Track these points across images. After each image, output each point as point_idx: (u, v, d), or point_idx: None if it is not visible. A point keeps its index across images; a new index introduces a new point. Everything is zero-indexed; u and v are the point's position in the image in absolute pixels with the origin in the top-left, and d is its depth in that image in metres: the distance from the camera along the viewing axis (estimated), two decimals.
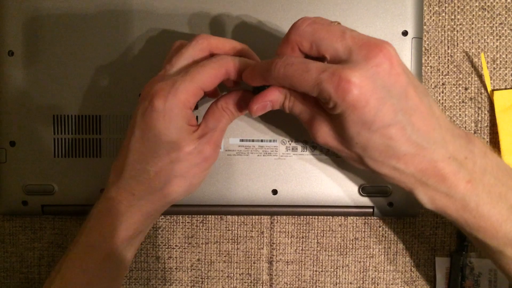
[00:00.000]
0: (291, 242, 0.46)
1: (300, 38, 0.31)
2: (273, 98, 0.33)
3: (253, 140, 0.42)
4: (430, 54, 0.45)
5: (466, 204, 0.32)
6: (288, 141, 0.42)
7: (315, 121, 0.33)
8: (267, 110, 0.34)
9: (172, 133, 0.33)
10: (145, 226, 0.36)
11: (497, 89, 0.44)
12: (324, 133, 0.33)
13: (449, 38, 0.45)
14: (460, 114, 0.45)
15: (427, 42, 0.45)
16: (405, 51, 0.42)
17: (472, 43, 0.45)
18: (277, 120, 0.42)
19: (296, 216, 0.46)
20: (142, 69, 0.42)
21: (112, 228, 0.34)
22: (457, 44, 0.45)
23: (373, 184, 0.42)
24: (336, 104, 0.29)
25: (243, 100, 0.35)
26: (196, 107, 0.40)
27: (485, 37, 0.45)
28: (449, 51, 0.45)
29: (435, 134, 0.31)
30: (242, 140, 0.42)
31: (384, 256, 0.46)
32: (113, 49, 0.42)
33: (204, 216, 0.46)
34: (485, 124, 0.45)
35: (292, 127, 0.42)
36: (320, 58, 0.32)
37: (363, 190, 0.42)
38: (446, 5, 0.45)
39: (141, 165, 0.33)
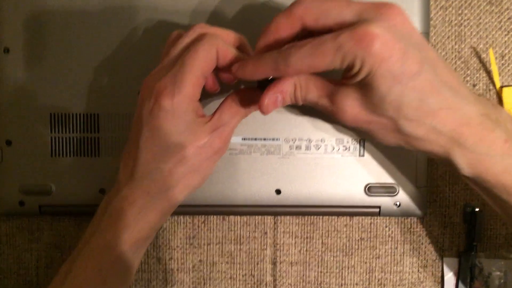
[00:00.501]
0: (295, 243, 0.45)
1: (305, 11, 0.30)
2: (283, 88, 0.32)
3: (255, 139, 0.41)
4: (437, 49, 0.44)
5: (506, 165, 0.31)
6: (292, 140, 0.41)
7: (338, 98, 0.32)
8: (278, 105, 0.33)
9: (183, 129, 0.32)
10: (159, 224, 0.35)
11: (506, 86, 0.43)
12: (351, 108, 0.31)
13: (456, 34, 0.44)
14: None
15: (434, 38, 0.44)
16: None
17: (480, 38, 0.44)
18: (280, 118, 0.41)
19: (300, 216, 0.44)
20: (141, 66, 0.41)
21: (126, 229, 0.33)
22: (465, 39, 0.44)
23: (380, 183, 0.41)
24: (363, 62, 0.28)
25: (255, 96, 0.34)
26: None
27: (493, 32, 0.44)
28: (456, 46, 0.44)
29: (463, 90, 0.31)
30: (244, 139, 0.41)
31: (391, 256, 0.45)
32: (112, 46, 0.41)
33: (206, 216, 0.45)
34: None
35: (296, 125, 0.41)
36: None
37: (369, 190, 0.41)
38: None
39: (154, 164, 0.33)
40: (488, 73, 0.43)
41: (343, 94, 0.31)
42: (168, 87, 0.31)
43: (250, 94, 0.35)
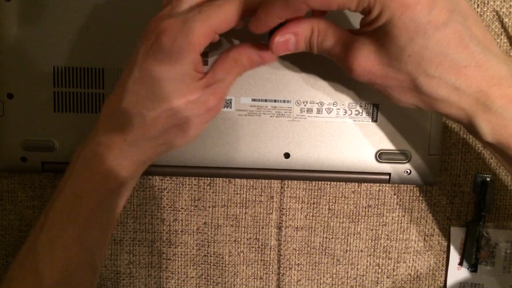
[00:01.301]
0: (302, 208, 0.44)
1: None
2: (299, 29, 0.29)
3: (265, 100, 0.40)
4: None
5: None
6: (303, 102, 0.40)
7: (353, 49, 0.29)
8: (290, 49, 0.31)
9: (176, 78, 0.30)
10: (136, 173, 0.33)
11: None
12: (366, 59, 0.28)
13: None
14: None
15: None
16: None
17: (504, 1, 0.42)
18: (292, 79, 0.39)
19: (308, 182, 0.44)
20: (148, 20, 0.39)
21: (101, 176, 0.31)
22: (488, 2, 0.42)
23: (392, 149, 0.40)
24: (383, 8, 0.25)
25: (256, 53, 0.32)
26: (206, 55, 0.38)
27: None
28: (479, 9, 0.42)
29: (494, 47, 0.28)
30: (254, 100, 0.40)
31: (397, 224, 0.44)
32: None
33: (212, 178, 0.44)
34: None
35: (308, 87, 0.40)
36: None
37: (380, 156, 0.40)
38: None
39: (137, 109, 0.30)
40: (510, 38, 0.42)
41: (359, 44, 0.29)
42: (174, 28, 0.28)
43: (246, 49, 0.32)
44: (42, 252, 0.31)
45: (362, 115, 0.40)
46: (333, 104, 0.40)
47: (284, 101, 0.40)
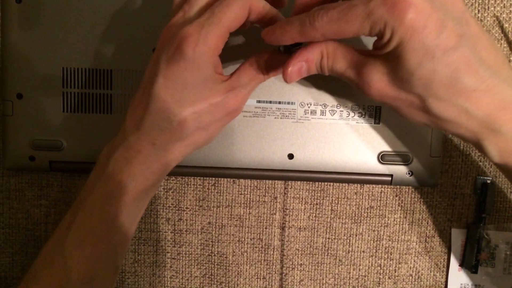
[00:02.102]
0: (305, 209, 0.45)
1: None
2: (309, 56, 0.31)
3: (270, 102, 0.41)
4: None
5: None
6: (307, 104, 0.41)
7: (365, 70, 0.30)
8: (303, 74, 0.32)
9: (200, 83, 0.31)
10: (163, 174, 0.35)
11: None
12: (378, 82, 0.29)
13: (480, 1, 0.43)
14: None
15: None
16: None
17: (504, 7, 0.42)
18: (297, 82, 0.40)
19: (311, 183, 0.44)
20: (157, 23, 0.40)
21: (131, 179, 0.33)
22: (488, 8, 0.43)
23: (394, 151, 0.41)
24: (393, 32, 0.26)
25: (276, 61, 0.33)
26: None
27: None
28: (479, 15, 0.43)
29: (505, 70, 0.28)
30: (259, 101, 0.41)
31: (399, 225, 0.45)
32: (128, 0, 0.39)
33: (217, 178, 0.44)
34: None
35: (312, 89, 0.40)
36: None
37: (382, 158, 0.41)
38: None
39: (164, 114, 0.31)
40: (510, 43, 0.42)
41: (371, 67, 0.30)
42: (193, 35, 0.30)
43: (271, 58, 0.33)
44: (71, 249, 0.32)
45: (365, 117, 0.41)
46: (337, 106, 0.41)
47: (288, 103, 0.41)
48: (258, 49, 0.34)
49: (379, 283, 0.45)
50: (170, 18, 0.33)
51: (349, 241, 0.45)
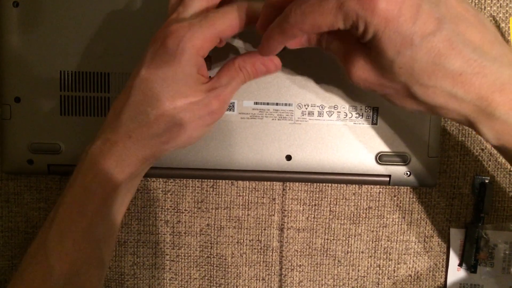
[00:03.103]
0: (303, 210, 0.45)
1: None
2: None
3: (268, 103, 0.41)
4: None
5: None
6: (305, 105, 0.41)
7: (350, 61, 0.29)
8: (303, 44, 0.32)
9: (180, 79, 0.31)
10: (140, 170, 0.35)
11: None
12: (362, 71, 0.29)
13: (476, 1, 0.43)
14: None
15: None
16: None
17: (500, 7, 0.43)
18: (294, 83, 0.40)
19: (309, 184, 0.44)
20: (155, 26, 0.39)
21: (107, 171, 0.32)
22: (484, 7, 0.43)
23: (391, 152, 0.41)
24: (366, 24, 0.25)
25: (261, 62, 0.33)
26: (209, 58, 0.38)
27: None
28: None
29: (495, 50, 0.27)
30: (256, 103, 0.41)
31: (398, 226, 0.45)
32: (125, 3, 0.40)
33: (215, 180, 0.44)
34: None
35: (309, 90, 0.40)
36: None
37: (380, 158, 0.41)
38: None
39: (142, 107, 0.32)
40: (507, 42, 0.43)
41: (355, 56, 0.29)
42: (179, 32, 0.30)
43: (251, 58, 0.33)
44: (52, 245, 0.32)
45: (362, 118, 0.41)
46: (334, 107, 0.41)
47: (286, 104, 0.41)
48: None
49: (378, 284, 0.45)
50: (168, 15, 0.33)
51: (348, 241, 0.45)
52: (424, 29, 0.25)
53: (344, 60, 0.30)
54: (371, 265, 0.45)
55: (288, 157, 0.41)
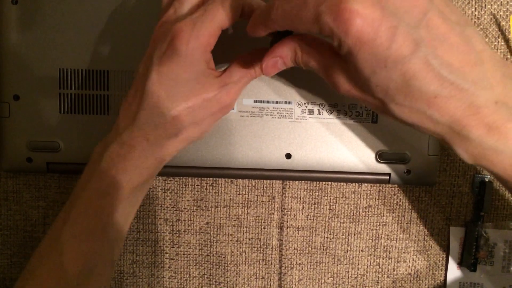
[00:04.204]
0: (303, 208, 0.45)
1: None
2: (282, 53, 0.30)
3: (267, 101, 0.41)
4: None
5: None
6: (305, 104, 0.41)
7: (332, 70, 0.29)
8: (280, 68, 0.32)
9: (193, 78, 0.31)
10: (157, 169, 0.35)
11: None
12: (343, 81, 0.29)
13: None
14: None
15: (453, 3, 0.42)
16: None
17: (501, 5, 0.42)
18: (294, 81, 0.40)
19: (309, 182, 0.44)
20: (153, 24, 0.39)
21: (125, 174, 0.33)
22: (485, 5, 0.42)
23: (391, 150, 0.41)
24: (340, 41, 0.25)
25: (272, 59, 0.32)
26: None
27: None
28: (476, 12, 0.42)
29: (475, 72, 0.26)
30: (256, 101, 0.41)
31: (398, 224, 0.45)
32: (124, 1, 0.39)
33: (214, 179, 0.44)
34: None
35: (309, 88, 0.40)
36: None
37: (380, 157, 0.41)
38: None
39: (158, 110, 0.32)
40: (507, 41, 0.42)
41: (337, 69, 0.29)
42: (186, 31, 0.30)
43: (261, 56, 0.33)
44: (67, 245, 0.32)
45: (362, 116, 0.41)
46: (334, 105, 0.40)
47: (285, 103, 0.41)
48: (251, 44, 0.34)
49: (377, 282, 0.45)
50: (160, 15, 0.33)
51: (348, 240, 0.45)
52: (399, 52, 0.25)
53: (326, 73, 0.30)
54: (370, 264, 0.45)
55: (288, 156, 0.41)
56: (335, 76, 0.29)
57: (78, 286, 0.32)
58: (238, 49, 0.36)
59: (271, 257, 0.45)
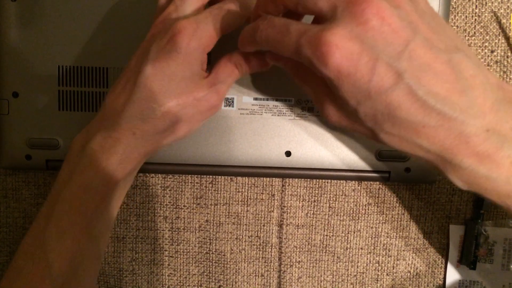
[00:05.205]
0: (303, 206, 0.45)
1: None
2: (283, 63, 0.32)
3: (267, 99, 0.40)
4: (457, 13, 0.42)
5: (511, 190, 0.26)
6: (304, 101, 0.40)
7: (320, 100, 0.30)
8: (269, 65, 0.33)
9: (188, 77, 0.31)
10: (141, 163, 0.35)
11: None
12: (332, 113, 0.29)
13: None
14: None
15: (454, 0, 0.42)
16: None
17: (502, 2, 0.42)
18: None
19: (308, 180, 0.44)
20: (153, 21, 0.39)
21: (109, 169, 0.32)
22: (485, 3, 0.42)
23: (391, 148, 0.41)
24: (322, 73, 0.25)
25: (256, 57, 0.33)
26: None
27: None
28: (476, 10, 0.42)
29: (463, 100, 0.25)
30: (256, 99, 0.40)
31: (397, 222, 0.45)
32: None
33: (214, 176, 0.44)
34: None
35: None
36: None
37: (380, 155, 0.41)
38: None
39: (148, 104, 0.31)
40: (508, 39, 0.42)
41: (324, 98, 0.29)
42: (189, 29, 0.30)
43: (246, 55, 0.33)
44: (51, 243, 0.32)
45: None
46: None
47: (285, 100, 0.40)
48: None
49: (377, 280, 0.45)
50: (157, 12, 0.33)
51: (347, 238, 0.45)
52: (381, 84, 0.24)
53: (316, 101, 0.31)
54: (370, 262, 0.45)
55: (288, 153, 0.41)
56: (325, 105, 0.29)
57: (64, 284, 0.31)
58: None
59: (271, 255, 0.45)
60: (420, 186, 0.44)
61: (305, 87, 0.31)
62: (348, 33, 0.24)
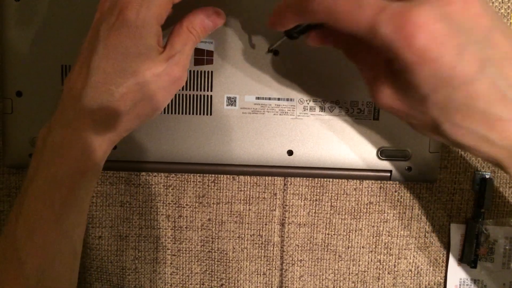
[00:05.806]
0: (304, 205, 0.45)
1: None
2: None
3: (269, 98, 0.41)
4: None
5: None
6: (306, 100, 0.41)
7: (378, 82, 0.27)
8: (327, 45, 0.30)
9: (142, 52, 0.30)
10: (108, 150, 0.33)
11: None
12: (389, 97, 0.27)
13: None
14: None
15: None
16: None
17: (502, 2, 0.43)
18: (296, 78, 0.40)
19: (310, 179, 0.44)
20: None
21: (73, 159, 0.31)
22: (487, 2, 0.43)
23: (393, 147, 0.41)
24: (399, 56, 0.23)
25: (208, 18, 0.32)
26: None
27: None
28: None
29: None
30: (258, 98, 0.41)
31: (399, 221, 0.45)
32: None
33: (216, 175, 0.44)
34: None
35: (311, 85, 0.40)
36: None
37: (381, 154, 0.41)
38: None
39: (105, 87, 0.30)
40: None
41: (382, 82, 0.27)
42: (136, 1, 0.28)
43: (197, 17, 0.32)
44: (21, 240, 0.31)
45: (364, 113, 0.41)
46: (336, 102, 0.41)
47: (287, 100, 0.41)
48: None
49: (378, 279, 0.46)
50: None
51: (349, 236, 0.45)
52: (465, 72, 0.23)
53: (370, 82, 0.28)
54: (371, 260, 0.45)
55: (290, 152, 0.41)
56: (380, 87, 0.27)
57: (39, 282, 0.30)
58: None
59: (273, 254, 0.45)
60: (421, 185, 0.44)
61: (359, 66, 0.29)
62: (436, 13, 0.22)
